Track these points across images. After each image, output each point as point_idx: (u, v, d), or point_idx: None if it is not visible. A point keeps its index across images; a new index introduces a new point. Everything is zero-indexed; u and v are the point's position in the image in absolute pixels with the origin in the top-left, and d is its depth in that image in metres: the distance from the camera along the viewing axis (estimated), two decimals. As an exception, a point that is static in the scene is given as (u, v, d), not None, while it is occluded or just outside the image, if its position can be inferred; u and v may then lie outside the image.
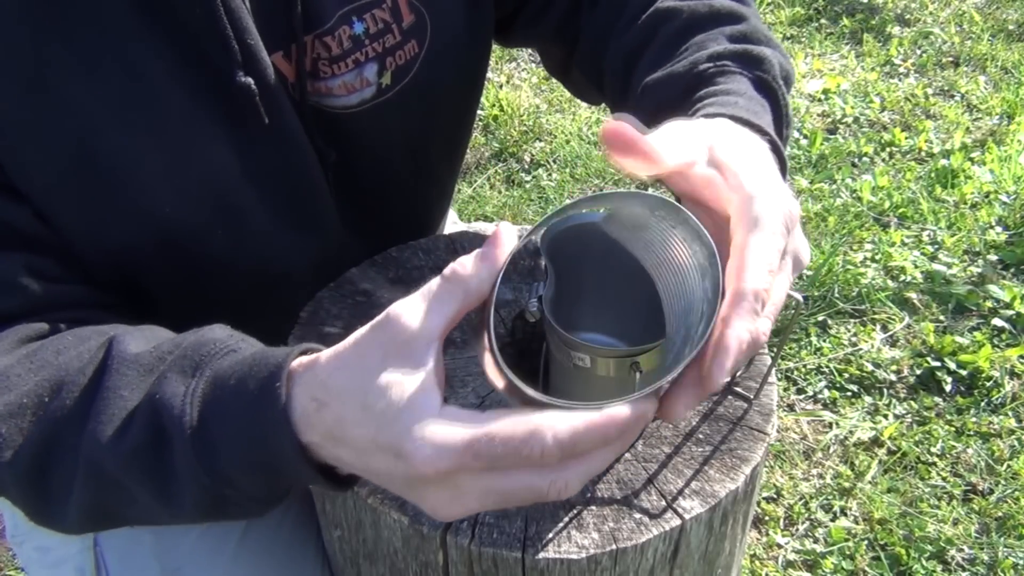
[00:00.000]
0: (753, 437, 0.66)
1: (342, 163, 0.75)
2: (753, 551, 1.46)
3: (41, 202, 0.62)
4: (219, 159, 0.66)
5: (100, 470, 0.53)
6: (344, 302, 0.78)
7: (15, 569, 1.43)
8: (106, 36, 0.59)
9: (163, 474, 0.52)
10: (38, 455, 0.54)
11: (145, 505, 0.55)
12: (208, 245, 0.69)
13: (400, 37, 0.73)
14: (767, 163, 0.54)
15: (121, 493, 0.54)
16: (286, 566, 0.86)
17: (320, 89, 0.72)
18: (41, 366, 0.56)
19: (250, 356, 0.51)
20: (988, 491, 1.52)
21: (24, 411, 0.54)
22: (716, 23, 0.70)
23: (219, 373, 0.51)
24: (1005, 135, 2.38)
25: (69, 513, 0.56)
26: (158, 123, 0.63)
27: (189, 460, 0.50)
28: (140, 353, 0.55)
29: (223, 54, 0.62)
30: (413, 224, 0.90)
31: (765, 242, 0.47)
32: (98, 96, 0.60)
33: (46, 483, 0.55)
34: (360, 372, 0.45)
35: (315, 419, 0.46)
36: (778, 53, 0.69)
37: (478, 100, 0.89)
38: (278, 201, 0.71)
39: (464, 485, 0.44)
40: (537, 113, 2.55)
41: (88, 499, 0.55)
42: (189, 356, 0.53)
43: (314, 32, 0.69)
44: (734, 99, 0.61)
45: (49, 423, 0.54)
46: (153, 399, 0.52)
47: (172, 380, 0.52)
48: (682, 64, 0.67)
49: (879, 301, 1.88)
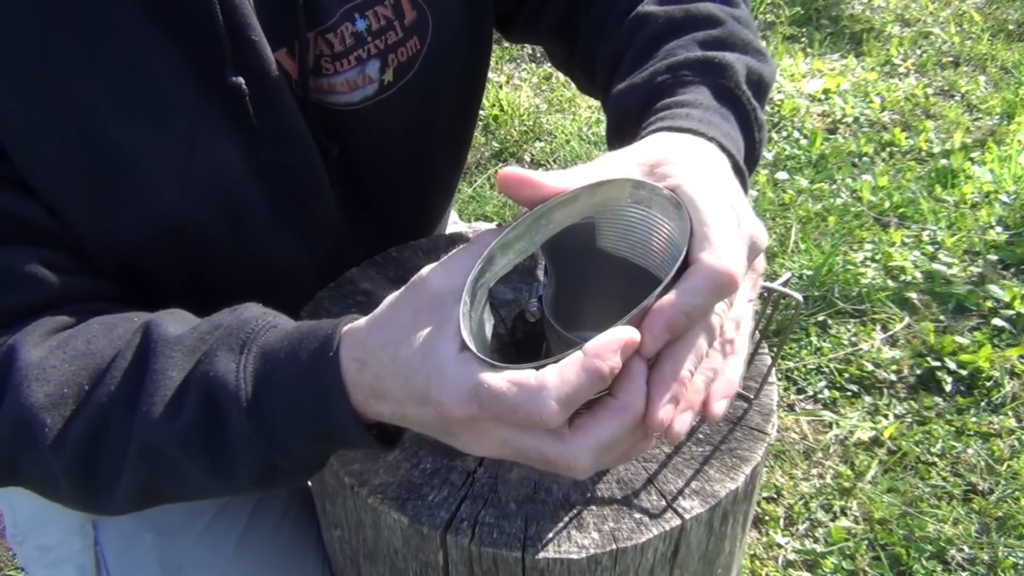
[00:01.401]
0: (753, 437, 0.66)
1: (344, 160, 0.75)
2: (753, 551, 1.46)
3: (50, 197, 0.62)
4: (223, 155, 0.66)
5: (153, 449, 0.55)
6: (344, 302, 0.78)
7: (15, 569, 1.43)
8: (113, 33, 0.60)
9: (219, 448, 0.54)
10: (86, 441, 0.56)
11: (196, 480, 0.57)
12: (211, 241, 0.69)
13: (402, 34, 0.74)
14: (708, 165, 0.53)
15: (174, 470, 0.56)
16: (286, 565, 0.86)
17: (323, 86, 0.72)
18: (75, 356, 0.57)
19: (295, 330, 0.54)
20: (988, 491, 1.52)
21: (66, 400, 0.56)
22: (691, 28, 0.69)
23: (267, 348, 0.54)
24: (1005, 135, 2.38)
25: (117, 494, 0.58)
26: (163, 119, 0.63)
27: (246, 433, 0.52)
28: (181, 335, 0.57)
29: (219, 52, 0.62)
30: (415, 222, 0.90)
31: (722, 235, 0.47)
32: (104, 92, 0.60)
33: (95, 468, 0.57)
34: (393, 328, 0.48)
35: (359, 379, 0.49)
36: (749, 57, 0.68)
37: (480, 97, 0.89)
38: (281, 198, 0.71)
39: (485, 432, 0.46)
40: (537, 113, 2.55)
41: (139, 480, 0.57)
42: (234, 334, 0.55)
43: (317, 29, 0.69)
44: (687, 111, 0.60)
45: (96, 409, 0.56)
46: (206, 376, 0.54)
47: (222, 357, 0.54)
48: (642, 76, 0.67)
49: (879, 301, 1.88)
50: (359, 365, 0.49)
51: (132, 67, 0.61)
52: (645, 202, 0.51)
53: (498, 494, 0.62)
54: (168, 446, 0.54)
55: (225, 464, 0.55)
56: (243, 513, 0.85)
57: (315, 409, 0.51)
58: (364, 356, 0.49)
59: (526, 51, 2.88)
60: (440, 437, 0.50)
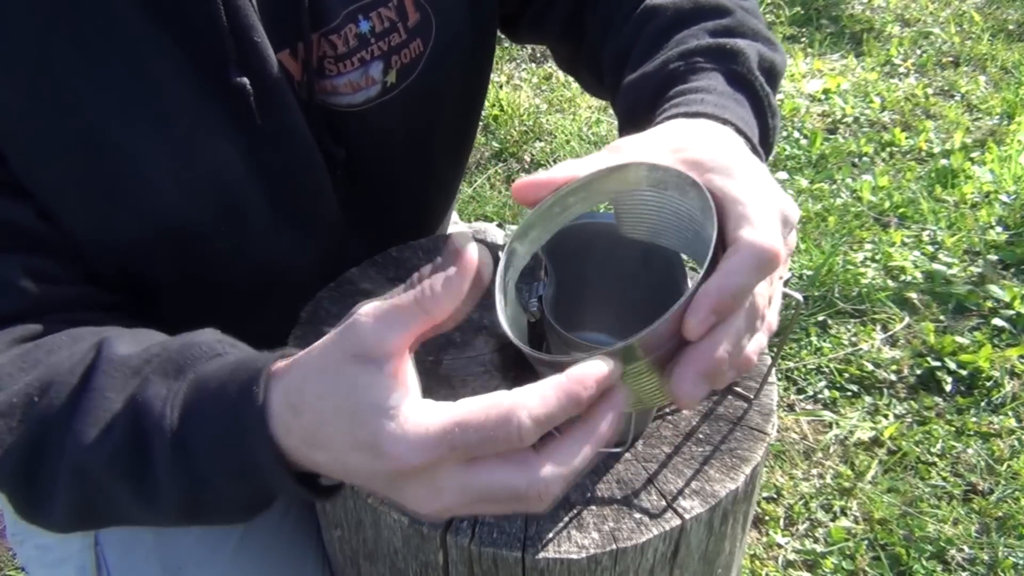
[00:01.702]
0: (753, 437, 0.66)
1: (347, 162, 0.75)
2: (753, 551, 1.46)
3: (47, 198, 0.62)
4: (223, 156, 0.66)
5: (83, 470, 0.53)
6: (344, 302, 0.78)
7: (15, 569, 1.43)
8: (113, 33, 0.60)
9: (143, 476, 0.52)
10: (26, 454, 0.54)
11: (127, 506, 0.55)
12: (212, 242, 0.69)
13: (405, 36, 0.74)
14: (730, 146, 0.53)
15: (104, 494, 0.54)
16: (286, 565, 0.86)
17: (326, 87, 0.72)
18: (32, 365, 0.56)
19: (233, 361, 0.50)
20: (988, 491, 1.52)
21: (14, 410, 0.54)
22: (699, 19, 0.69)
23: (202, 377, 0.51)
24: (1005, 135, 2.38)
25: (55, 512, 0.56)
26: (163, 119, 0.63)
27: (168, 463, 0.50)
28: (129, 355, 0.55)
29: (222, 52, 0.62)
30: (416, 223, 0.90)
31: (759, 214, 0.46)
32: (104, 92, 0.60)
33: (33, 482, 0.55)
34: (330, 376, 0.44)
35: (292, 424, 0.46)
36: (760, 45, 0.68)
37: (483, 99, 0.89)
38: (282, 199, 0.71)
39: (442, 480, 0.43)
40: (537, 113, 2.55)
41: (73, 499, 0.55)
42: (174, 359, 0.53)
43: (320, 30, 0.69)
44: (701, 96, 0.60)
45: (37, 422, 0.54)
46: (135, 401, 0.51)
47: (155, 383, 0.52)
48: (654, 64, 0.67)
49: (879, 301, 1.88)
50: (294, 412, 0.45)
51: (133, 67, 0.61)
52: (661, 184, 0.50)
53: (498, 494, 0.62)
54: (96, 468, 0.52)
55: (151, 493, 0.52)
56: (243, 513, 0.85)
57: (236, 443, 0.48)
58: (299, 403, 0.45)
59: (526, 51, 2.88)
60: (383, 491, 0.46)
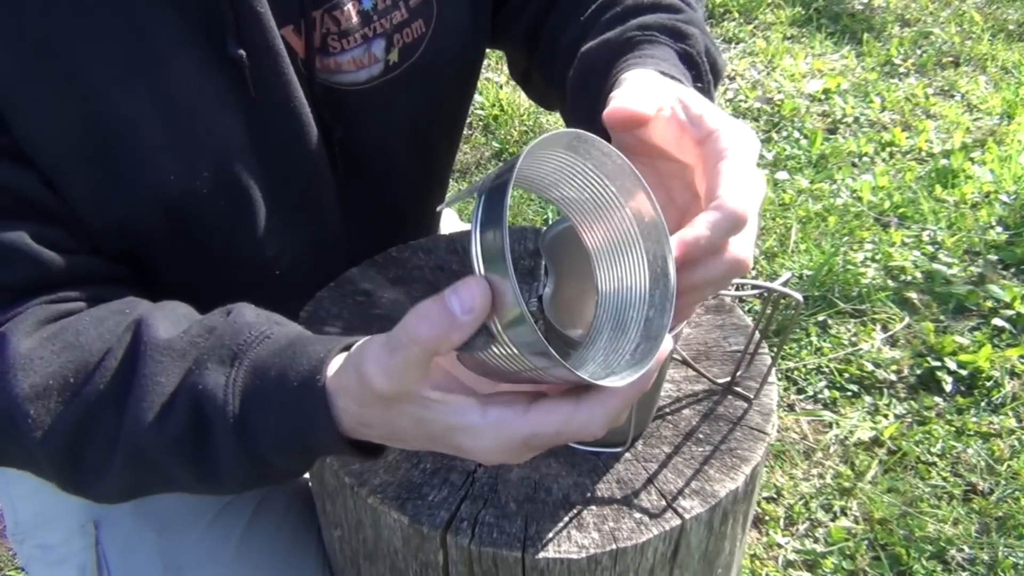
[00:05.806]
0: (753, 437, 0.66)
1: (346, 142, 0.76)
2: (753, 551, 1.46)
3: (49, 169, 0.62)
4: (223, 129, 0.67)
5: (140, 453, 0.55)
6: (344, 302, 0.78)
7: (15, 569, 1.43)
8: (115, 2, 0.60)
9: (205, 459, 0.55)
10: (72, 436, 0.56)
11: (183, 482, 0.58)
12: (210, 217, 0.69)
13: (407, 15, 0.75)
14: None
15: (160, 473, 0.57)
16: (287, 565, 0.86)
17: (329, 65, 0.73)
18: (63, 348, 0.57)
19: (288, 346, 0.53)
20: (988, 491, 1.52)
21: (50, 392, 0.56)
22: (657, 10, 0.72)
23: (258, 363, 0.53)
24: (1005, 135, 2.38)
25: (104, 487, 0.58)
26: (163, 90, 0.63)
27: (232, 447, 0.53)
28: (171, 339, 0.57)
29: (222, 24, 0.63)
30: (409, 212, 0.90)
31: (737, 168, 0.49)
32: (105, 60, 0.61)
33: (81, 462, 0.57)
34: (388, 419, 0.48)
35: (351, 408, 0.49)
36: (708, 41, 0.71)
37: (476, 84, 0.91)
38: (278, 175, 0.71)
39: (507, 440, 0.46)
40: (537, 113, 2.55)
41: (126, 478, 0.57)
42: (227, 345, 0.55)
43: (324, 6, 0.70)
44: (656, 62, 0.63)
45: (83, 405, 0.56)
46: (195, 389, 0.54)
47: (212, 369, 0.54)
48: (614, 33, 0.70)
49: (879, 301, 1.88)
50: (356, 403, 0.48)
51: (134, 37, 0.61)
52: (582, 153, 0.47)
53: (498, 494, 0.62)
54: (155, 451, 0.55)
55: (212, 472, 0.55)
56: (244, 513, 0.86)
57: (301, 429, 0.51)
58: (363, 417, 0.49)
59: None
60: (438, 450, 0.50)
